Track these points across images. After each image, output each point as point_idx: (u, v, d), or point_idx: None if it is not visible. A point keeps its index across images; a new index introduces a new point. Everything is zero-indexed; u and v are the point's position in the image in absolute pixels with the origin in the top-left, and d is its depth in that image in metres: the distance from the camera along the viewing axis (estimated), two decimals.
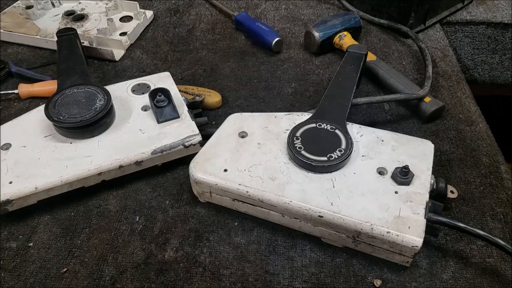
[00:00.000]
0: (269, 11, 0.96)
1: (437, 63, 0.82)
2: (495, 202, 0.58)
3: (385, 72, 0.75)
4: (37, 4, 0.91)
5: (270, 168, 0.54)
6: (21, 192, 0.54)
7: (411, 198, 0.50)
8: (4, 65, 0.78)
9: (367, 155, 0.56)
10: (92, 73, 0.80)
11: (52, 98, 0.61)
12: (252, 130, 0.60)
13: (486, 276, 0.51)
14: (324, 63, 0.83)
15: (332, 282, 0.50)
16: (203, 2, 0.99)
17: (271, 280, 0.51)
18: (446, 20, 0.93)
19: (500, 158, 0.65)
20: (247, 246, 0.54)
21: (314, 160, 0.53)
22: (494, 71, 0.99)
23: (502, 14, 0.93)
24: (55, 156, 0.58)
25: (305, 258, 0.53)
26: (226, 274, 0.51)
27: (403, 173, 0.51)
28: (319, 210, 0.49)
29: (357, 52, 0.69)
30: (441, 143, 0.66)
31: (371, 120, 0.71)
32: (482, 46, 0.96)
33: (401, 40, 0.87)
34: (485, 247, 0.53)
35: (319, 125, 0.57)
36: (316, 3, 0.98)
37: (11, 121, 0.62)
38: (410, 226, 0.48)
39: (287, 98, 0.75)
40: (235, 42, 0.88)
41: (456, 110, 0.72)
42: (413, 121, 0.70)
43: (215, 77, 0.80)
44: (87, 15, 0.90)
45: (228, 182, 0.53)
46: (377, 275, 0.51)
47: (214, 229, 0.56)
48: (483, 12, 0.93)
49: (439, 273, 0.51)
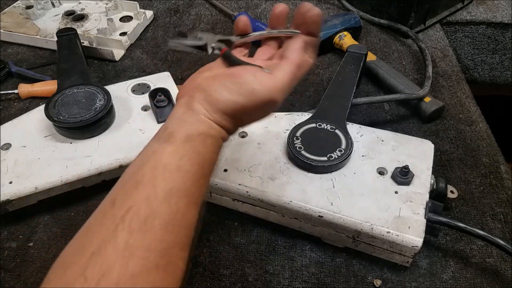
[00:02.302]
0: (269, 11, 0.96)
1: (437, 63, 0.82)
2: (495, 202, 0.58)
3: (385, 72, 0.75)
4: (37, 4, 0.91)
5: (270, 168, 0.54)
6: (21, 192, 0.54)
7: (411, 198, 0.50)
8: (4, 65, 0.78)
9: (367, 155, 0.56)
10: (92, 73, 0.80)
11: (52, 98, 0.61)
12: (252, 130, 0.60)
13: (486, 276, 0.51)
14: (324, 63, 0.83)
15: (332, 282, 0.50)
16: (203, 2, 0.99)
17: (271, 280, 0.51)
18: (446, 20, 0.93)
19: (500, 158, 0.65)
20: (247, 246, 0.54)
21: (314, 160, 0.53)
22: (494, 71, 0.99)
23: (502, 14, 0.93)
24: (55, 156, 0.58)
25: (305, 258, 0.53)
26: (226, 274, 0.51)
27: (403, 173, 0.51)
28: (319, 210, 0.49)
29: (357, 52, 0.69)
30: (441, 143, 0.66)
31: (371, 120, 0.71)
32: (482, 46, 0.96)
33: (401, 40, 0.87)
34: (485, 247, 0.53)
35: (319, 125, 0.57)
36: (316, 3, 0.98)
37: (11, 121, 0.62)
38: (410, 226, 0.47)
39: (287, 98, 0.75)
40: None
41: (456, 110, 0.72)
42: (413, 121, 0.70)
43: None
44: (87, 15, 0.90)
45: (228, 182, 0.53)
46: (377, 275, 0.51)
47: (214, 229, 0.56)
48: (483, 12, 0.93)
49: (439, 273, 0.51)
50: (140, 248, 0.30)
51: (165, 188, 0.32)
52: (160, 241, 0.31)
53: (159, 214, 0.31)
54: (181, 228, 0.33)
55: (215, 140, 0.37)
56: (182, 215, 0.33)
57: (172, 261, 0.31)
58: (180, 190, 0.33)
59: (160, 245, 0.31)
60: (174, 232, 0.32)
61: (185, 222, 0.33)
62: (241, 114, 0.38)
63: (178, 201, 0.33)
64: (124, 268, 0.28)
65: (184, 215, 0.33)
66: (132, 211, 0.31)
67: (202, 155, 0.36)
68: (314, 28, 0.42)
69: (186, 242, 0.33)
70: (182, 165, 0.34)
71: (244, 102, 0.37)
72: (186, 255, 0.33)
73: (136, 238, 0.30)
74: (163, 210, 0.32)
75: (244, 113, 0.38)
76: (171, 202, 0.32)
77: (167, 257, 0.31)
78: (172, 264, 0.31)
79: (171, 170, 0.33)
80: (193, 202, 0.34)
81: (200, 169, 0.35)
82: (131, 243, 0.29)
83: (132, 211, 0.31)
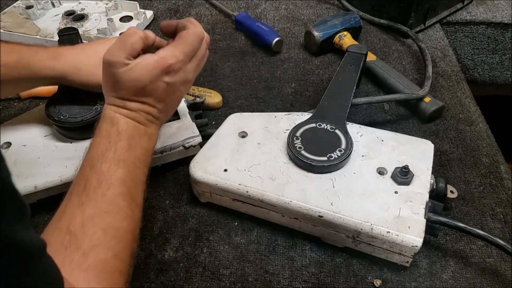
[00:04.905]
0: (269, 11, 0.96)
1: (437, 63, 0.82)
2: (495, 202, 0.58)
3: (385, 72, 0.75)
4: (37, 4, 0.91)
5: (270, 168, 0.54)
6: (20, 191, 0.52)
7: (411, 198, 0.50)
8: None
9: (367, 155, 0.56)
10: None
11: (53, 97, 0.61)
12: (252, 130, 0.60)
13: (486, 276, 0.51)
14: (324, 63, 0.83)
15: (332, 282, 0.50)
16: (203, 2, 0.99)
17: (271, 280, 0.51)
18: (446, 20, 0.93)
19: (500, 158, 0.64)
20: (247, 246, 0.54)
21: (314, 160, 0.53)
22: (494, 71, 0.99)
23: (502, 14, 0.93)
24: (55, 155, 0.58)
25: (305, 258, 0.53)
26: (226, 274, 0.51)
27: (403, 173, 0.51)
28: (319, 210, 0.49)
29: (357, 52, 0.69)
30: (441, 143, 0.66)
31: (371, 120, 0.71)
32: (482, 46, 0.96)
33: (401, 40, 0.87)
34: (485, 247, 0.53)
35: (319, 125, 0.57)
36: (316, 3, 0.98)
37: (11, 121, 0.62)
38: (410, 226, 0.48)
39: (287, 98, 0.75)
40: (235, 42, 0.88)
41: (456, 110, 0.72)
42: (413, 121, 0.70)
43: (215, 77, 0.80)
44: (87, 15, 0.90)
45: (228, 182, 0.53)
46: (377, 275, 0.51)
47: (214, 229, 0.56)
48: (483, 12, 0.93)
49: (439, 273, 0.51)
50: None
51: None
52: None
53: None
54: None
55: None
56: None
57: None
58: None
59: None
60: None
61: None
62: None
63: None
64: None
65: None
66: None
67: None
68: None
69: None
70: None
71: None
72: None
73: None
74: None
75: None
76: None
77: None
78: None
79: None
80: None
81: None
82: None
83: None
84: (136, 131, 0.45)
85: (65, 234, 0.36)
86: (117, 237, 0.38)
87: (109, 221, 0.38)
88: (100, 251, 0.36)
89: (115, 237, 0.38)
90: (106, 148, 0.42)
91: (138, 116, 0.46)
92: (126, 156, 0.43)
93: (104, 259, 0.36)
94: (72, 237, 0.36)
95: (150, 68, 0.44)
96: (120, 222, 0.39)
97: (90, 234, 0.36)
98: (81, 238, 0.36)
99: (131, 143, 0.44)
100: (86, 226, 0.36)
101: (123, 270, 0.38)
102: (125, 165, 0.42)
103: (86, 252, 0.35)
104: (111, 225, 0.38)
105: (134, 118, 0.45)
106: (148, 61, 0.44)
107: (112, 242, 0.37)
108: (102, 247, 0.36)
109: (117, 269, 0.37)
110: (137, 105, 0.46)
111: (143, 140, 0.46)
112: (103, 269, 0.35)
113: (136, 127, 0.45)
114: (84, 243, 0.35)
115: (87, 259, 0.35)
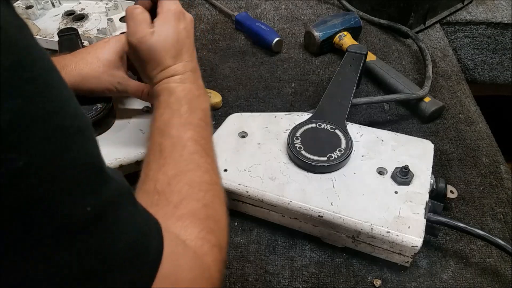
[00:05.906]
0: (269, 11, 0.96)
1: (437, 63, 0.82)
2: (495, 202, 0.58)
3: (385, 72, 0.75)
4: (37, 4, 0.91)
5: (270, 168, 0.54)
6: None
7: (411, 198, 0.50)
8: None
9: (367, 155, 0.56)
10: None
11: None
12: (252, 130, 0.60)
13: (486, 276, 0.51)
14: (324, 63, 0.83)
15: (332, 282, 0.50)
16: (203, 2, 0.99)
17: (271, 280, 0.51)
18: (446, 20, 0.93)
19: (500, 158, 0.65)
20: (247, 246, 0.54)
21: (314, 160, 0.53)
22: (494, 71, 0.99)
23: (502, 14, 0.93)
24: None
25: (305, 258, 0.53)
26: (226, 274, 0.51)
27: (403, 173, 0.51)
28: (319, 210, 0.50)
29: (357, 52, 0.69)
30: (441, 143, 0.66)
31: (371, 120, 0.71)
32: (482, 46, 0.96)
33: (401, 40, 0.87)
34: (485, 247, 0.53)
35: (319, 125, 0.57)
36: (316, 3, 0.98)
37: None
38: (410, 226, 0.48)
39: (287, 98, 0.75)
40: (235, 42, 0.88)
41: (456, 110, 0.72)
42: (413, 121, 0.70)
43: (215, 77, 0.80)
44: (87, 15, 0.90)
45: (228, 182, 0.53)
46: (377, 275, 0.51)
47: None
48: (483, 12, 0.93)
49: (439, 273, 0.51)
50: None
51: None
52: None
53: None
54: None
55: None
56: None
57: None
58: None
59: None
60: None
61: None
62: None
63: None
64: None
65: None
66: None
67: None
68: None
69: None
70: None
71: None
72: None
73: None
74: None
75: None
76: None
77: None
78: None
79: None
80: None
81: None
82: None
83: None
84: (192, 93, 0.47)
85: (153, 194, 0.37)
86: (203, 190, 0.39)
87: (192, 177, 0.40)
88: (190, 202, 0.37)
89: (202, 190, 0.39)
90: (170, 116, 0.44)
91: (187, 78, 0.47)
92: (191, 119, 0.44)
93: (195, 208, 0.37)
94: (161, 195, 0.37)
95: (167, 21, 0.47)
96: (202, 177, 0.40)
97: (177, 190, 0.38)
98: (169, 195, 0.37)
99: (191, 106, 0.45)
100: (172, 184, 0.38)
101: (217, 218, 0.39)
102: (192, 126, 0.44)
103: (177, 205, 0.37)
104: (195, 180, 0.39)
105: (185, 81, 0.47)
106: (161, 18, 0.47)
107: (200, 194, 0.39)
108: (191, 198, 0.38)
109: (209, 216, 0.38)
110: (181, 66, 0.47)
111: (201, 99, 0.47)
112: (195, 216, 0.37)
113: (190, 90, 0.47)
114: (173, 198, 0.37)
115: (179, 209, 0.36)
